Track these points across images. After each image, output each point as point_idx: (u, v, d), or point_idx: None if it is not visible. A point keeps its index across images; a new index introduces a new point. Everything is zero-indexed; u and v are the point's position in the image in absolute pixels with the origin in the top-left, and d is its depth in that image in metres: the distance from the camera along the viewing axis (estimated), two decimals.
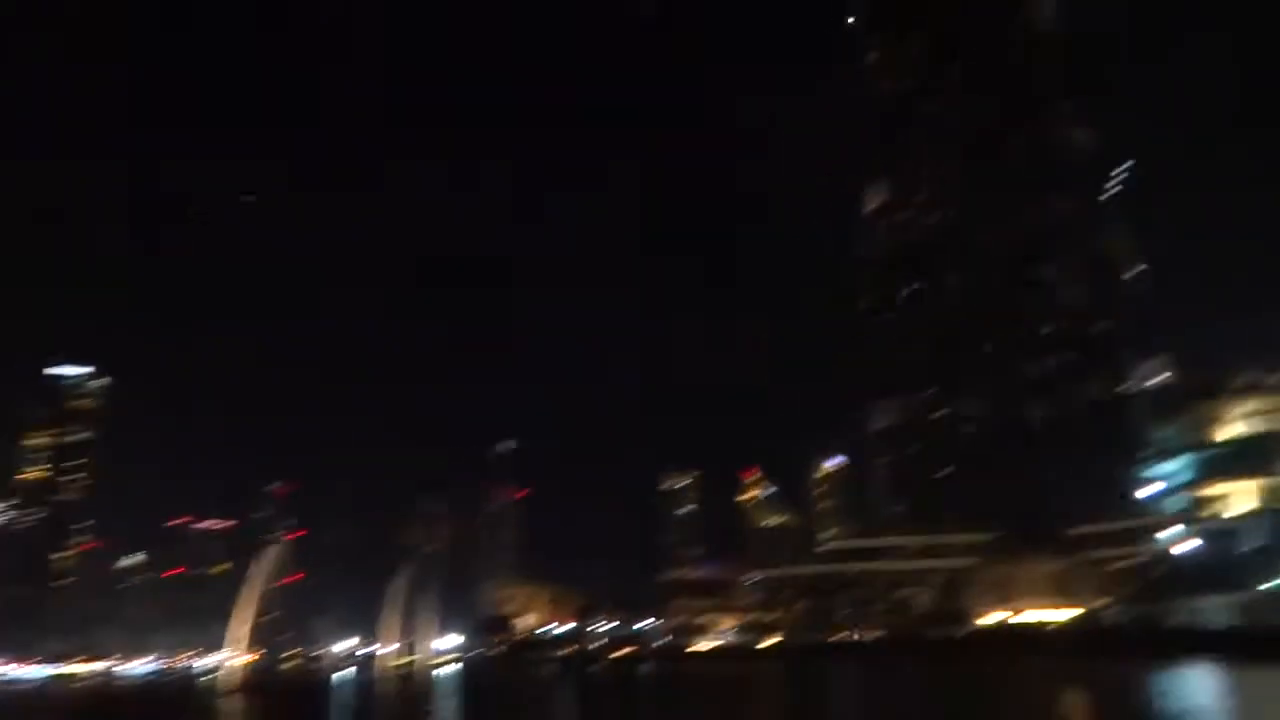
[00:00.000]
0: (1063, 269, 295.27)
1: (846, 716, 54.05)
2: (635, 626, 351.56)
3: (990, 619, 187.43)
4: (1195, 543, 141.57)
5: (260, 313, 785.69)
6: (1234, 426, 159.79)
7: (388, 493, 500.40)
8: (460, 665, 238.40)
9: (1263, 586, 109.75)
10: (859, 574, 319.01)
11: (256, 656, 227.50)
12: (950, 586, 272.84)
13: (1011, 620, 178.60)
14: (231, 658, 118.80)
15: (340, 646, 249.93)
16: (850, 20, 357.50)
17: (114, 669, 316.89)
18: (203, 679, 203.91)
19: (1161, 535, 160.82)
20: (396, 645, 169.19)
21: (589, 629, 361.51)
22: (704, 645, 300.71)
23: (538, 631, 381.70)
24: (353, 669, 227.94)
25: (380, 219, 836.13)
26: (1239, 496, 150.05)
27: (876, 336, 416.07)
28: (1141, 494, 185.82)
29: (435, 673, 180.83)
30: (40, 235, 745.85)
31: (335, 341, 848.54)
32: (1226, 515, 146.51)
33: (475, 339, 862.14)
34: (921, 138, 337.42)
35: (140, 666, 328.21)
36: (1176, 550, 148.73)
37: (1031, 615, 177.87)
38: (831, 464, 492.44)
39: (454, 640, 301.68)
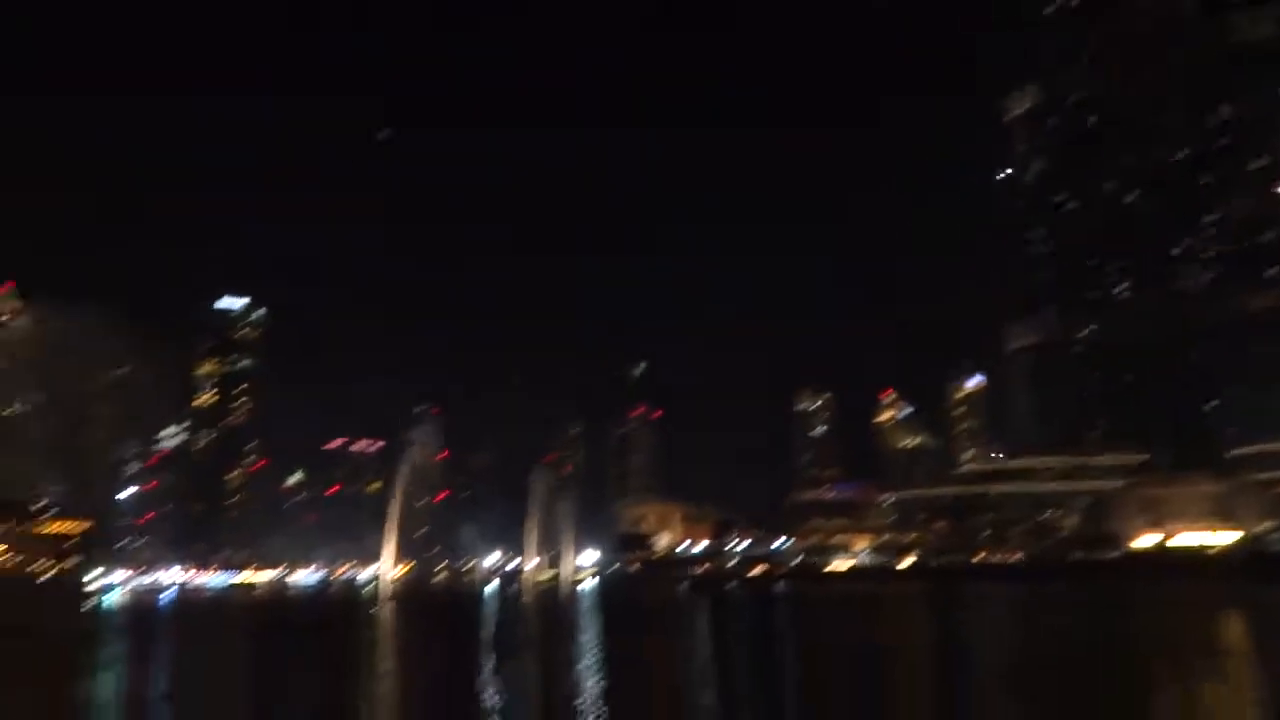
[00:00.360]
0: (1229, 177, 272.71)
1: (998, 640, 53.55)
2: (769, 546, 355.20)
3: (1142, 542, 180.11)
4: None
5: (404, 247, 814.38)
6: None
7: (530, 414, 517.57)
8: (597, 581, 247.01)
9: None
10: (1000, 496, 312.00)
11: (409, 569, 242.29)
12: (1097, 509, 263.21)
13: (1166, 544, 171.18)
14: (386, 570, 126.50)
15: (487, 561, 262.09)
16: None
17: (284, 578, 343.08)
18: (365, 589, 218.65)
19: None
20: (539, 560, 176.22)
21: (723, 548, 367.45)
22: (839, 565, 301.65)
23: (673, 550, 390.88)
24: (499, 582, 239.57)
25: (512, 156, 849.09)
26: None
27: (1021, 249, 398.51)
28: None
29: (578, 587, 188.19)
30: (196, 177, 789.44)
31: (475, 268, 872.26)
32: None
33: (610, 264, 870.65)
34: (1079, 32, 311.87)
35: (306, 576, 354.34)
36: None
37: (1187, 539, 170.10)
38: (971, 384, 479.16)
39: (593, 556, 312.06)
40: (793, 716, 25.84)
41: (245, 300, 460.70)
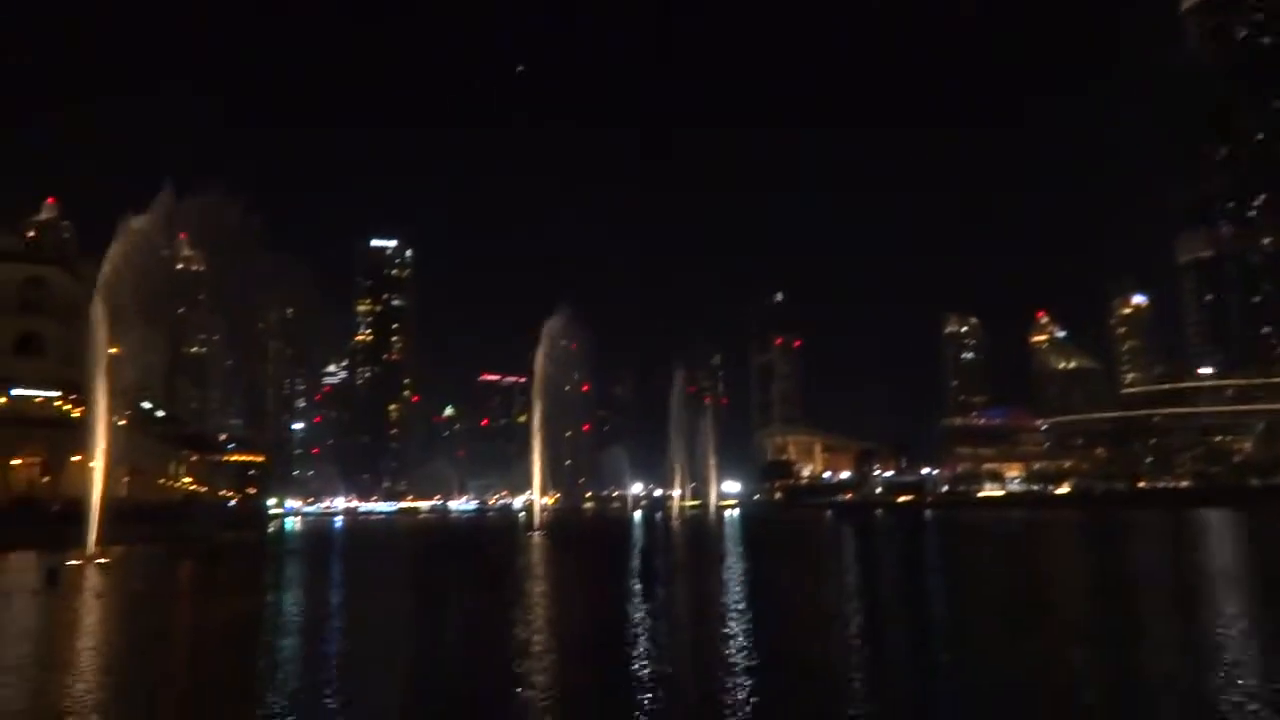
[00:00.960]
0: None
1: (1162, 569, 51.47)
2: (914, 475, 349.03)
3: None
4: None
5: (544, 185, 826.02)
6: None
7: (670, 345, 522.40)
8: (740, 509, 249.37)
9: None
10: (1165, 420, 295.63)
11: (556, 498, 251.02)
12: (1274, 432, 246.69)
13: None
14: (536, 498, 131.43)
15: (633, 490, 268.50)
16: None
17: (443, 505, 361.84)
18: (518, 515, 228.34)
19: None
20: (683, 489, 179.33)
21: (867, 477, 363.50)
22: (990, 492, 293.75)
23: (816, 478, 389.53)
24: (645, 511, 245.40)
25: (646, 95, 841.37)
26: None
27: (1188, 156, 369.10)
28: None
29: (723, 514, 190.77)
30: (346, 119, 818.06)
31: (614, 204, 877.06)
32: None
33: (744, 190, 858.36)
34: None
35: (461, 504, 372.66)
36: None
37: None
38: (1133, 302, 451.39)
39: (735, 486, 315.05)
40: (943, 643, 25.80)
41: (394, 241, 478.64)
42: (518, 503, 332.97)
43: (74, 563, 54.66)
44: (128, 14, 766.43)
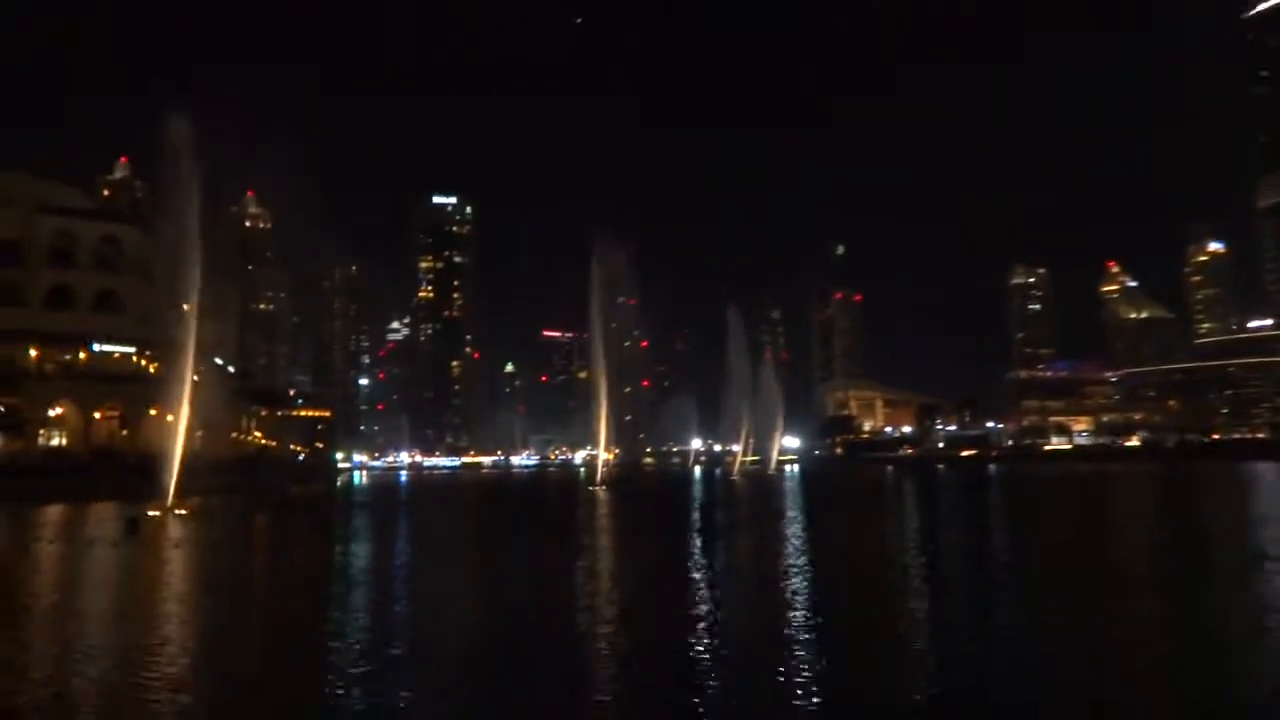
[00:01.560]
0: None
1: (1241, 521, 49.90)
2: (979, 428, 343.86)
3: None
4: None
5: (601, 141, 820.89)
6: None
7: (732, 300, 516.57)
8: (800, 465, 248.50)
9: None
10: (1242, 369, 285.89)
11: (617, 453, 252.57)
12: None
13: None
14: (596, 454, 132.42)
15: (693, 445, 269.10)
16: None
17: (505, 460, 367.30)
18: (579, 470, 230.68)
19: None
20: (743, 444, 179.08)
21: (929, 431, 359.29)
22: (1057, 445, 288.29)
23: (878, 433, 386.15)
24: (705, 466, 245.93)
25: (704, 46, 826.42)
26: None
27: (1270, 98, 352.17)
28: None
29: (783, 470, 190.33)
30: (405, 78, 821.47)
31: (663, 166, 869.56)
32: None
33: (806, 143, 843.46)
34: None
35: (525, 459, 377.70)
36: None
37: None
38: (1209, 249, 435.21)
39: (796, 441, 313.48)
40: (1008, 596, 25.37)
41: (454, 199, 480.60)
42: (578, 458, 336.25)
43: (153, 513, 56.62)
44: None
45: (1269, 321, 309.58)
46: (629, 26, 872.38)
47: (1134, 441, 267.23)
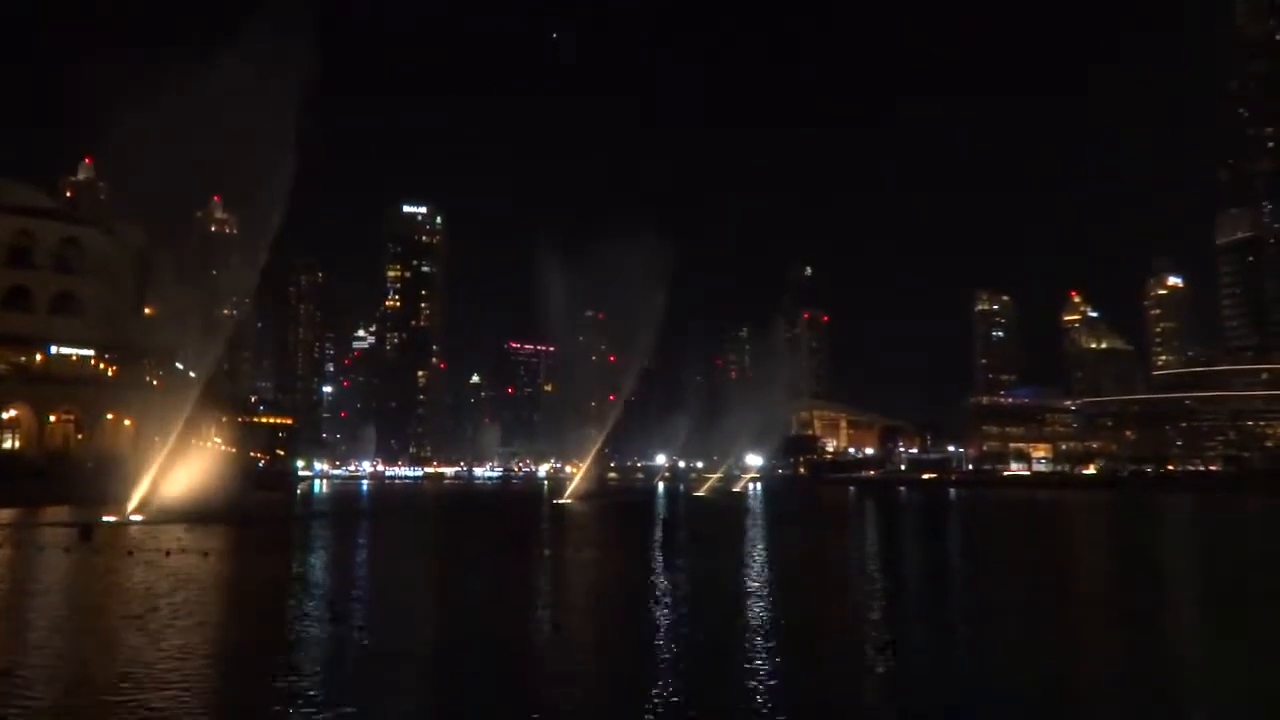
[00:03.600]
0: None
1: (1191, 552, 51.00)
2: (940, 452, 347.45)
3: None
4: None
5: (574, 151, 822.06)
6: None
7: (695, 318, 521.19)
8: (762, 483, 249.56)
9: None
10: (1197, 402, 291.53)
11: (582, 467, 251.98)
12: None
13: None
14: (559, 467, 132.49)
15: (658, 461, 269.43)
16: None
17: (467, 471, 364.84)
18: (543, 483, 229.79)
19: None
20: (706, 461, 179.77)
21: (891, 453, 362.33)
22: (1016, 471, 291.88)
23: (840, 454, 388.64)
24: (669, 482, 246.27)
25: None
26: None
27: (1235, 134, 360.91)
28: None
29: (745, 488, 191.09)
30: (383, 84, 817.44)
31: (644, 172, 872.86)
32: None
33: (772, 162, 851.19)
34: None
35: (488, 471, 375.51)
36: None
37: None
38: (1169, 282, 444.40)
39: (758, 459, 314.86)
40: (964, 616, 25.81)
41: (425, 208, 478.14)
42: (542, 470, 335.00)
43: (108, 519, 55.70)
44: None
45: (1244, 353, 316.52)
46: (602, 37, 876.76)
47: (1090, 470, 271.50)
